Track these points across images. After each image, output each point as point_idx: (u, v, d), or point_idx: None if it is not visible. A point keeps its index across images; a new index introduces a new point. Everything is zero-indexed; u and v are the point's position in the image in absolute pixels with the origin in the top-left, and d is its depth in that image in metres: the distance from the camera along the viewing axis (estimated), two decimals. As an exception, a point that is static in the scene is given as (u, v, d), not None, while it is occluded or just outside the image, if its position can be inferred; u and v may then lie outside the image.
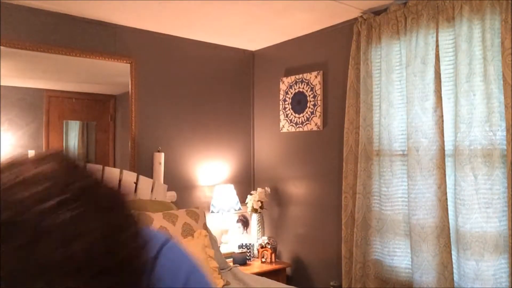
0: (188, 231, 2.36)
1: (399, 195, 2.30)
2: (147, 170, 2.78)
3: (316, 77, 2.87)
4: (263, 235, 3.11)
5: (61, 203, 0.37)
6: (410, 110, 2.19)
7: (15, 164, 0.42)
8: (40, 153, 0.44)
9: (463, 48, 1.99)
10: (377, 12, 2.44)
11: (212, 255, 2.28)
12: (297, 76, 3.01)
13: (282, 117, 3.13)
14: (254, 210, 3.06)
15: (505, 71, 1.85)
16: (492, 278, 1.90)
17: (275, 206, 3.20)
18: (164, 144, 2.89)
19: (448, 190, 2.07)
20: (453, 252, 2.05)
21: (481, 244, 1.92)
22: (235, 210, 3.03)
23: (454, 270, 2.05)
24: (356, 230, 2.43)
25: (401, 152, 2.30)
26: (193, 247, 2.21)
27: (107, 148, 2.80)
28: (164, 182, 2.79)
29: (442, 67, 2.09)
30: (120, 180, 2.56)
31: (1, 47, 2.29)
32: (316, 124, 2.86)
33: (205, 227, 2.51)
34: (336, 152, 2.71)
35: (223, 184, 3.13)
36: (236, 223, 3.18)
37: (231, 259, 2.81)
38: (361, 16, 2.46)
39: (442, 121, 2.08)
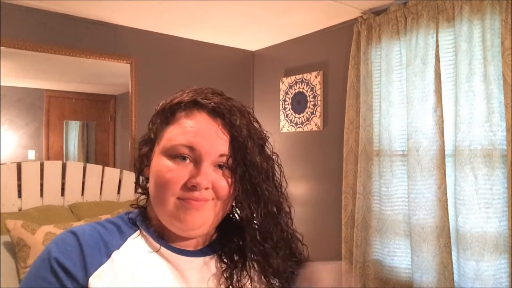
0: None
1: (399, 195, 2.30)
2: (147, 170, 2.77)
3: (316, 77, 2.87)
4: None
5: None
6: (410, 110, 2.19)
7: None
8: None
9: (463, 48, 1.99)
10: (377, 12, 2.44)
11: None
12: (297, 76, 3.01)
13: (282, 117, 3.13)
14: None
15: (505, 71, 1.85)
16: (492, 278, 1.89)
17: (275, 206, 3.19)
18: (164, 144, 2.88)
19: (448, 190, 2.06)
20: (453, 252, 2.05)
21: (481, 244, 1.91)
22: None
23: (454, 270, 2.04)
24: (356, 230, 2.43)
25: (401, 152, 2.30)
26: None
27: (107, 148, 2.80)
28: (164, 182, 2.78)
29: (442, 67, 2.09)
30: (120, 180, 2.57)
31: (1, 47, 2.28)
32: (316, 124, 2.86)
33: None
34: (336, 152, 2.71)
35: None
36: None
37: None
38: (361, 16, 2.46)
39: (442, 121, 2.08)
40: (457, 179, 1.99)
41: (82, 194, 2.42)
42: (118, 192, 2.56)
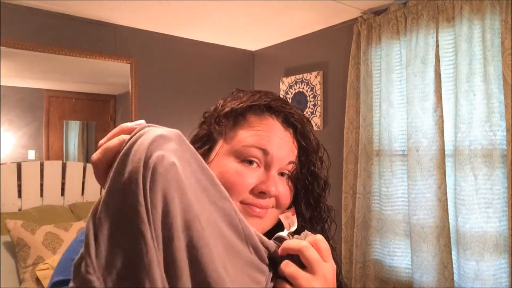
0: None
1: (399, 195, 2.30)
2: (147, 170, 2.77)
3: (316, 77, 2.87)
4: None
5: None
6: (410, 110, 2.19)
7: None
8: None
9: (463, 48, 1.99)
10: (377, 12, 2.44)
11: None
12: (297, 76, 3.01)
13: (282, 117, 3.12)
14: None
15: (505, 71, 1.85)
16: (492, 278, 1.90)
17: (275, 206, 3.19)
18: (164, 144, 2.88)
19: (448, 190, 2.07)
20: (453, 252, 2.05)
21: (481, 244, 1.92)
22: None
23: (454, 270, 2.05)
24: (356, 230, 2.43)
25: (401, 152, 2.30)
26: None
27: (107, 148, 2.79)
28: (164, 182, 2.78)
29: (442, 67, 2.09)
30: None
31: (1, 47, 2.29)
32: (316, 124, 2.86)
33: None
34: (336, 152, 2.71)
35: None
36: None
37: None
38: (361, 16, 2.47)
39: (442, 121, 2.08)
40: (457, 179, 1.99)
41: (82, 194, 2.42)
42: (118, 192, 2.56)
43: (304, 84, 2.96)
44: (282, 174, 0.65)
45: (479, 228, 1.93)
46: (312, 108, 2.89)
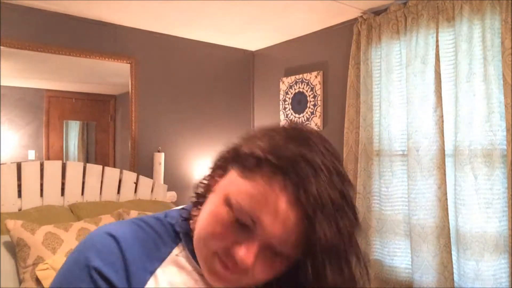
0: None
1: (399, 195, 2.30)
2: (147, 170, 2.78)
3: (316, 77, 2.87)
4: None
5: None
6: (410, 110, 2.19)
7: None
8: None
9: (463, 48, 1.99)
10: (377, 12, 2.44)
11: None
12: (297, 76, 3.01)
13: (282, 117, 3.13)
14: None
15: (505, 71, 1.85)
16: (492, 278, 1.90)
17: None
18: (164, 144, 2.89)
19: (448, 190, 2.06)
20: (453, 252, 2.05)
21: (481, 244, 1.92)
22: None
23: (454, 270, 2.05)
24: (356, 230, 2.43)
25: (401, 152, 2.30)
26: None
27: (107, 148, 2.80)
28: (164, 182, 2.79)
29: (442, 67, 2.09)
30: (120, 180, 2.57)
31: (1, 47, 2.28)
32: (316, 124, 2.86)
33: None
34: (336, 152, 2.71)
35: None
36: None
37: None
38: (361, 16, 2.47)
39: (442, 121, 2.08)
40: (457, 179, 1.99)
41: (82, 194, 2.42)
42: (118, 192, 2.56)
43: (304, 84, 2.96)
44: (272, 251, 0.52)
45: (479, 228, 1.93)
46: (312, 108, 2.89)
